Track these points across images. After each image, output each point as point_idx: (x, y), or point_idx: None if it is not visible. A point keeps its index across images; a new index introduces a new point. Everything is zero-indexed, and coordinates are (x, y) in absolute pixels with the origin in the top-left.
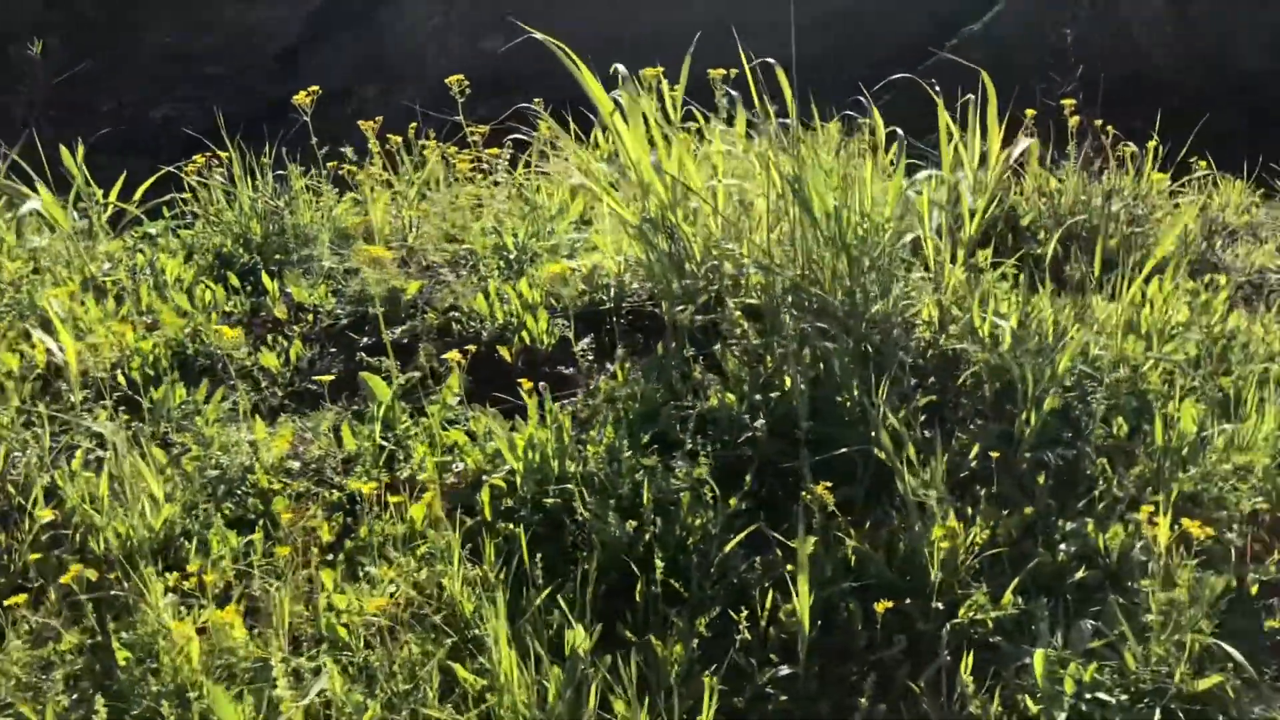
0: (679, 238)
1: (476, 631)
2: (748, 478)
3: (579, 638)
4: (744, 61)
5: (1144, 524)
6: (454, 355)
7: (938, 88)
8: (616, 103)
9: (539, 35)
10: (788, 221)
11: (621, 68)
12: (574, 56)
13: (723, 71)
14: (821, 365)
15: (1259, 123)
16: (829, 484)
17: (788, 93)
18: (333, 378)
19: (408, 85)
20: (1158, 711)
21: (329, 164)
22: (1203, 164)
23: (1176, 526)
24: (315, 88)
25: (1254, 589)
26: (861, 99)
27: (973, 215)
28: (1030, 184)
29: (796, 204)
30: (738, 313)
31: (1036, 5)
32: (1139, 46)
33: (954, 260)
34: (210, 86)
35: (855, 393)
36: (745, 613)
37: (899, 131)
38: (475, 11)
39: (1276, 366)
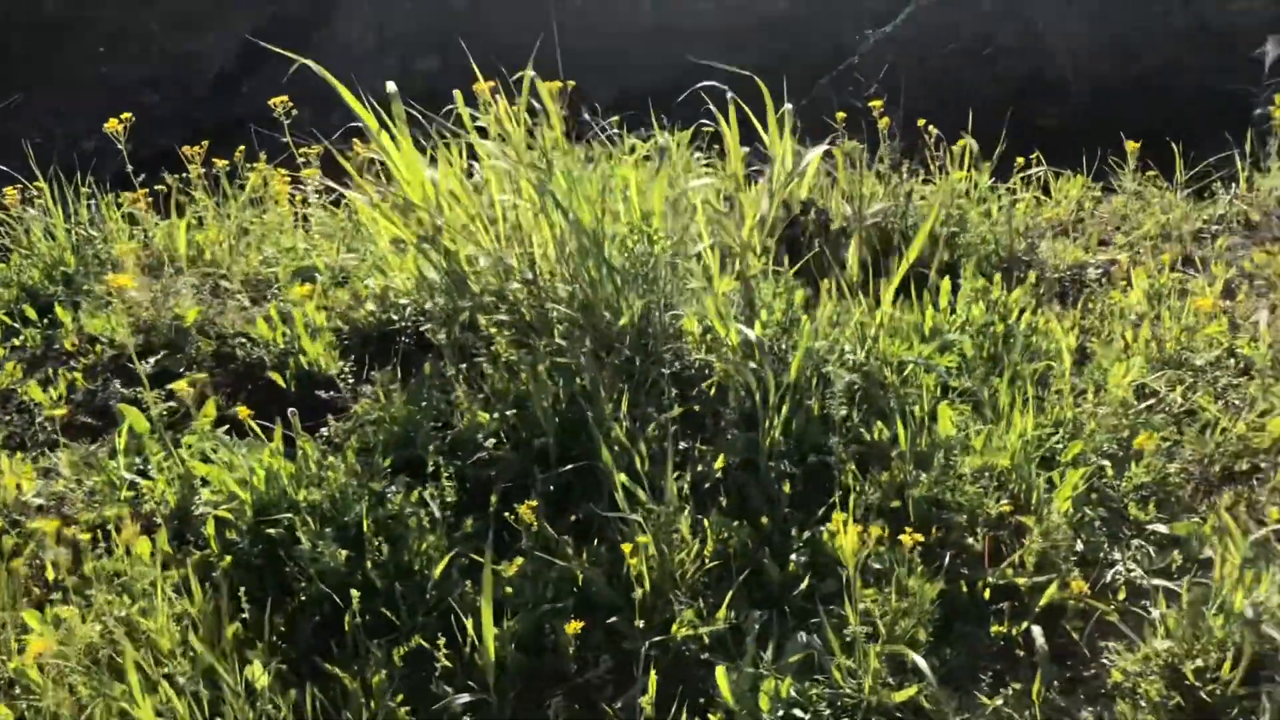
0: (452, 255)
1: (169, 669)
2: (492, 498)
3: (256, 672)
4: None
5: (838, 533)
6: (180, 385)
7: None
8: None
9: (310, 64)
10: (550, 235)
11: (391, 85)
12: (335, 81)
13: (559, 84)
14: (577, 380)
15: (1156, 118)
16: (568, 500)
17: (550, 105)
18: (71, 412)
19: (342, 107)
20: None
21: (140, 191)
22: (1020, 159)
23: (865, 534)
24: (128, 115)
25: (986, 593)
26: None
27: (762, 221)
28: (844, 187)
29: (560, 217)
30: (493, 329)
31: (946, 6)
32: (1044, 43)
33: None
34: (145, 115)
35: (607, 407)
36: (444, 639)
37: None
38: (409, 33)
39: (1059, 365)
